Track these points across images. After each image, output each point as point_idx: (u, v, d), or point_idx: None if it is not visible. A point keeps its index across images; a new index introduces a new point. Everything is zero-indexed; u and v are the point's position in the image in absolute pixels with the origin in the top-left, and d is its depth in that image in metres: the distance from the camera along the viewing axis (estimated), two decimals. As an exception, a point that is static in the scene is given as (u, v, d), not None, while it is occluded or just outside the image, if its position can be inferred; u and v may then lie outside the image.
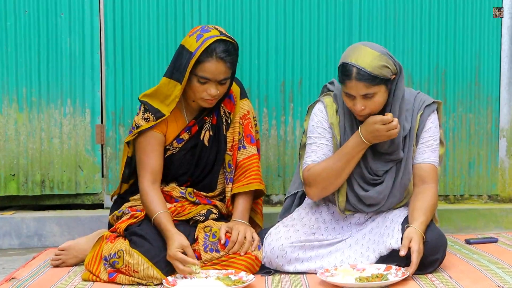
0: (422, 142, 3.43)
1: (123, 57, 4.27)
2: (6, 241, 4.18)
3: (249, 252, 3.33)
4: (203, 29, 3.44)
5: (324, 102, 3.48)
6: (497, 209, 4.41)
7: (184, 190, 3.58)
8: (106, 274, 3.28)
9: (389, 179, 3.41)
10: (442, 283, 3.11)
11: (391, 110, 3.31)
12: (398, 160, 3.40)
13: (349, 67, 3.21)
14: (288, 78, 4.36)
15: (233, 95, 3.62)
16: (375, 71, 3.18)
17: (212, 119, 3.59)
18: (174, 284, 3.11)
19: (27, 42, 4.23)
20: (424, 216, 3.26)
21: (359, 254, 3.34)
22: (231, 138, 3.61)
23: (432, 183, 3.40)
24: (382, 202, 3.43)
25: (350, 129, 3.41)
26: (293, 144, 4.38)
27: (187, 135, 3.56)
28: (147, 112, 3.49)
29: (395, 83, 3.29)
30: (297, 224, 3.46)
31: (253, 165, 3.60)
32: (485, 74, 4.45)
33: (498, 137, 4.49)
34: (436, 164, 3.44)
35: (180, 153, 3.58)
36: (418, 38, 4.39)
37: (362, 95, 3.22)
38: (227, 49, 3.39)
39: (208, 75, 3.38)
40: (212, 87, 3.39)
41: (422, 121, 3.42)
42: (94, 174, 4.33)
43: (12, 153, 4.27)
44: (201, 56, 3.36)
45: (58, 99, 4.27)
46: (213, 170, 3.62)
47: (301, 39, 4.34)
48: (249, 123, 3.64)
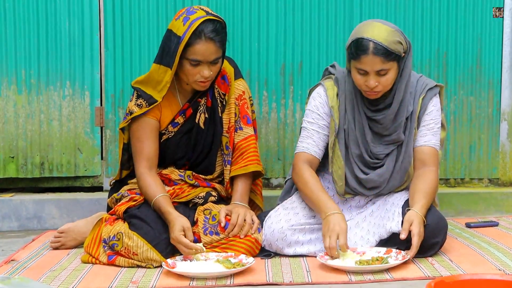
0: (423, 125, 3.42)
1: (122, 39, 4.25)
2: (6, 224, 4.17)
3: (249, 235, 3.32)
4: (188, 11, 3.40)
5: (324, 85, 3.47)
6: (497, 192, 4.40)
7: (183, 173, 3.57)
8: (105, 256, 3.28)
9: (390, 162, 3.40)
10: (442, 266, 3.11)
11: (397, 89, 3.30)
12: (399, 142, 3.39)
13: (365, 42, 3.18)
14: (288, 60, 4.34)
15: (227, 76, 3.59)
16: (391, 46, 3.18)
17: (207, 101, 3.56)
18: (173, 266, 3.11)
19: (26, 24, 4.20)
20: (424, 199, 3.25)
21: (359, 237, 3.33)
22: (227, 119, 3.59)
23: (433, 166, 3.39)
24: (383, 185, 3.42)
25: (351, 112, 3.40)
26: (293, 127, 4.36)
27: (182, 119, 3.54)
28: (139, 98, 3.47)
29: (403, 61, 3.28)
30: (297, 207, 3.46)
31: (250, 146, 3.58)
32: (486, 57, 4.43)
33: (499, 121, 4.47)
34: (437, 147, 3.43)
35: (176, 136, 3.56)
36: (419, 20, 4.37)
37: (376, 71, 3.20)
38: (215, 29, 3.36)
39: (199, 57, 3.35)
40: (205, 69, 3.37)
41: (424, 104, 3.41)
42: (93, 157, 4.32)
43: (11, 136, 4.26)
44: (190, 39, 3.33)
45: (57, 81, 4.25)
46: (210, 153, 3.60)
47: (302, 22, 4.32)
48: (245, 103, 3.61)
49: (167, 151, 3.58)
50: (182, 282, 2.99)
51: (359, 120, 3.39)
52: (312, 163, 3.45)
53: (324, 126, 3.45)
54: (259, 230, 3.37)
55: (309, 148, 3.45)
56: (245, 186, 3.55)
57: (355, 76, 3.27)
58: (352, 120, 3.40)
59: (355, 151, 3.41)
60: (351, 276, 3.01)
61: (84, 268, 3.21)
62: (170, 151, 3.58)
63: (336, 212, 3.22)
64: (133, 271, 3.17)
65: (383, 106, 3.36)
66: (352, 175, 3.43)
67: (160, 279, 3.05)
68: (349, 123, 3.40)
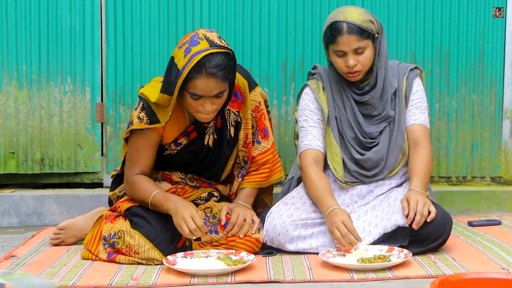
0: (411, 105, 3.57)
1: (124, 35, 4.24)
2: (5, 219, 4.16)
3: (249, 235, 3.30)
4: (192, 41, 3.14)
5: (309, 84, 3.62)
6: (500, 191, 4.39)
7: (184, 176, 3.52)
8: (105, 254, 3.26)
9: (384, 139, 3.53)
10: (445, 264, 3.09)
11: (378, 69, 3.47)
12: (390, 119, 3.52)
13: (339, 24, 3.38)
14: (289, 57, 4.33)
15: (240, 92, 3.42)
16: (364, 24, 3.37)
17: (216, 122, 3.42)
18: (174, 263, 3.09)
19: (28, 19, 4.20)
20: (417, 177, 3.37)
21: (361, 229, 3.32)
22: (244, 135, 3.47)
23: (425, 143, 3.51)
24: (381, 163, 3.52)
25: (339, 99, 3.56)
26: (294, 124, 4.33)
27: (185, 140, 3.41)
28: (143, 111, 3.29)
29: (378, 41, 3.45)
30: (297, 202, 3.46)
31: (266, 159, 3.53)
32: (489, 54, 4.41)
33: (502, 119, 4.46)
34: (427, 124, 3.57)
35: (179, 154, 3.45)
36: (421, 17, 4.35)
37: (353, 50, 3.37)
38: (219, 63, 3.10)
39: (200, 92, 3.13)
40: (207, 103, 3.17)
41: (409, 83, 3.58)
42: (94, 153, 4.30)
43: (12, 131, 4.25)
44: (190, 74, 3.10)
45: (58, 77, 4.24)
46: (215, 166, 3.51)
47: (303, 18, 4.30)
48: (262, 114, 3.50)
49: (172, 164, 3.49)
50: (183, 279, 2.98)
51: (349, 105, 3.55)
52: (318, 159, 3.51)
53: (319, 121, 3.56)
54: (259, 230, 3.35)
55: (312, 144, 3.51)
56: (252, 191, 3.53)
57: (335, 59, 3.44)
58: (342, 106, 3.55)
59: (350, 134, 3.54)
60: (353, 274, 3.00)
61: (84, 265, 3.20)
62: (175, 165, 3.50)
63: (336, 207, 3.26)
64: (134, 267, 3.15)
65: (369, 88, 3.51)
66: (350, 159, 3.53)
67: (161, 276, 3.03)
68: (339, 109, 3.55)
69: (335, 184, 3.54)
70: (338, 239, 3.15)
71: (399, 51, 4.32)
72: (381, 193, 3.50)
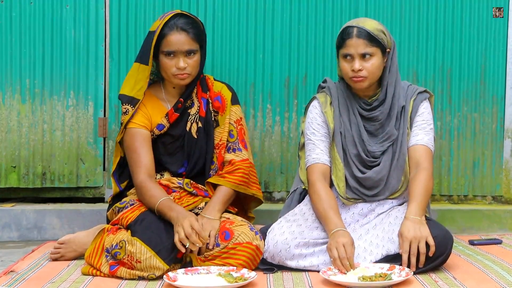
0: (415, 126, 3.55)
1: (127, 49, 4.25)
2: (6, 233, 4.16)
3: (250, 242, 3.31)
4: (166, 12, 3.61)
5: (318, 98, 3.63)
6: (501, 210, 4.39)
7: (182, 181, 3.58)
8: (107, 266, 3.26)
9: (386, 159, 3.52)
10: (446, 283, 3.09)
11: (388, 84, 3.48)
12: (393, 138, 3.51)
13: (349, 29, 3.43)
14: (292, 73, 4.34)
15: (221, 97, 3.68)
16: (374, 32, 3.41)
17: (200, 110, 3.64)
18: (175, 279, 3.09)
19: (32, 34, 4.21)
20: (415, 202, 3.33)
21: (362, 249, 3.32)
22: (219, 136, 3.65)
23: (425, 164, 3.47)
24: (381, 184, 3.51)
25: (346, 115, 3.56)
26: (296, 141, 4.35)
27: (166, 121, 3.60)
28: (124, 105, 3.59)
29: (390, 57, 3.48)
30: (299, 219, 3.46)
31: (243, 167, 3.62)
32: (490, 73, 4.42)
33: (503, 137, 4.46)
34: (430, 146, 3.53)
35: (167, 142, 3.63)
36: (424, 36, 4.36)
37: (360, 54, 3.39)
38: (189, 22, 3.53)
39: (172, 47, 3.50)
40: (180, 61, 3.49)
41: (416, 105, 3.56)
42: (96, 168, 4.31)
43: (14, 145, 4.25)
44: (163, 31, 3.51)
45: (61, 91, 4.25)
46: (206, 163, 3.65)
47: (307, 35, 4.31)
48: (242, 129, 3.69)
49: (162, 159, 3.63)
50: (184, 295, 2.98)
51: (354, 121, 3.54)
52: (326, 174, 3.52)
53: (326, 134, 3.56)
54: (261, 237, 3.36)
55: (320, 158, 3.53)
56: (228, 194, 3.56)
57: (343, 65, 3.46)
58: (347, 122, 3.55)
59: (352, 151, 3.53)
60: (354, 292, 3.00)
61: (84, 280, 3.19)
62: (165, 160, 3.63)
63: (341, 228, 3.27)
64: (134, 284, 3.14)
65: (378, 103, 3.53)
66: (351, 176, 3.53)
67: (162, 292, 3.03)
68: (345, 125, 3.54)
69: (337, 200, 3.54)
70: (334, 259, 3.17)
71: (401, 69, 4.31)
72: (382, 212, 3.50)
